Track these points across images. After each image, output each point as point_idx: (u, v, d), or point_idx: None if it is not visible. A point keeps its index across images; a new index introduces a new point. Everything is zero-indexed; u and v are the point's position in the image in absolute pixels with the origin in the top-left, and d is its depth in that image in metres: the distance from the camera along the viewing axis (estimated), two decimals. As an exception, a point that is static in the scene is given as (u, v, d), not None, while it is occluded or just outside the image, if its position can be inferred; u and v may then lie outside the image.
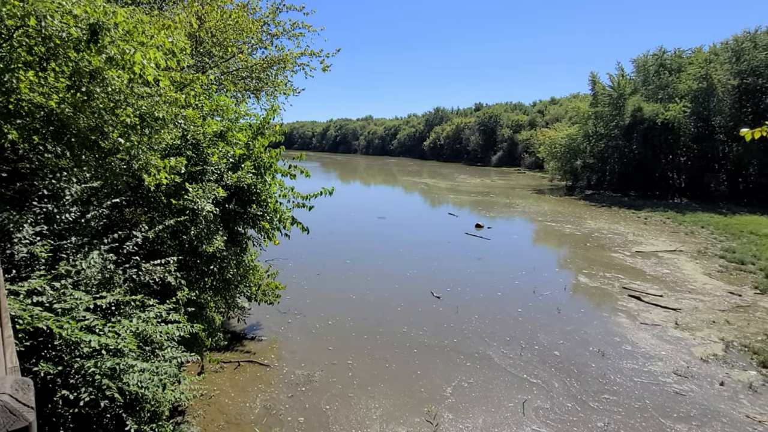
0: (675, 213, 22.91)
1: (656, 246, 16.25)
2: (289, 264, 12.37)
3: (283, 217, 7.38)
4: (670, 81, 31.03)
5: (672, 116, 28.41)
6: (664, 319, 9.52)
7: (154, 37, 4.31)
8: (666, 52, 32.70)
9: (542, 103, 72.36)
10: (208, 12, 8.70)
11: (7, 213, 3.70)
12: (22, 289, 3.54)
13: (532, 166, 54.20)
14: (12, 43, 3.37)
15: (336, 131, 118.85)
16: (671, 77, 31.18)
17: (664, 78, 31.49)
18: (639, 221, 21.51)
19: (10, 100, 3.49)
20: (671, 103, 29.24)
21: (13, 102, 3.52)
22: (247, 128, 7.63)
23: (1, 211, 3.70)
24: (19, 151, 4.10)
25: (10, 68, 3.40)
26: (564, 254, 15.46)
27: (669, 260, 14.29)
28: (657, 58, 32.67)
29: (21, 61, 3.49)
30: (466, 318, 9.36)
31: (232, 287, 6.53)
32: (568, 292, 11.28)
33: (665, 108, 29.22)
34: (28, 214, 3.88)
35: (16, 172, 4.22)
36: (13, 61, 3.44)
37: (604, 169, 34.63)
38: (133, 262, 4.47)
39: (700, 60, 29.74)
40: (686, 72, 30.39)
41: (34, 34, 3.40)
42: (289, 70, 12.29)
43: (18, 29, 3.29)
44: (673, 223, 20.75)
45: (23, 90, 3.48)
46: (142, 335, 4.06)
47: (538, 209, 25.09)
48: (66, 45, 3.56)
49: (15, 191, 4.15)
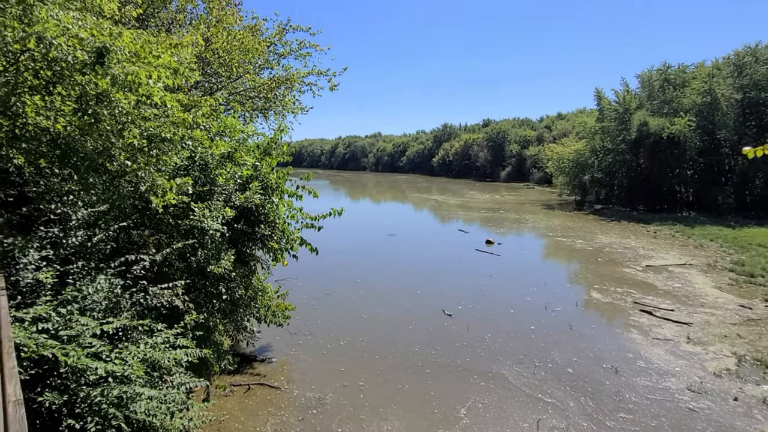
0: (684, 226, 22.39)
1: (667, 260, 15.80)
2: (299, 283, 12.19)
3: (291, 237, 7.25)
4: (674, 96, 30.76)
5: (677, 130, 28.07)
6: (677, 333, 9.23)
7: (161, 56, 4.27)
8: (670, 67, 32.52)
9: (549, 119, 72.24)
10: (214, 34, 8.77)
11: (13, 238, 3.60)
12: (27, 316, 3.41)
13: (541, 181, 53.78)
14: (18, 67, 3.32)
15: (345, 149, 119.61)
16: (676, 92, 30.92)
17: (668, 93, 31.24)
18: (649, 235, 21.04)
19: (17, 124, 3.43)
20: (676, 118, 28.92)
21: (19, 126, 3.46)
22: (255, 149, 7.57)
23: (7, 237, 3.60)
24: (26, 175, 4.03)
25: (16, 92, 3.35)
26: (575, 269, 15.08)
27: (680, 274, 13.87)
28: (661, 74, 32.48)
29: (27, 85, 3.43)
30: (478, 336, 9.06)
31: (241, 309, 6.36)
32: (580, 307, 10.92)
33: (671, 122, 28.89)
34: (34, 239, 3.78)
35: (23, 196, 4.15)
36: (19, 85, 3.38)
37: (612, 184, 34.17)
38: (140, 286, 4.33)
39: (704, 75, 29.50)
40: (690, 87, 30.12)
41: (40, 57, 3.35)
42: (297, 90, 12.34)
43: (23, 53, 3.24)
44: (682, 236, 20.25)
45: (29, 114, 3.41)
46: (149, 361, 3.90)
47: (548, 224, 24.71)
48: (72, 68, 3.50)
49: (21, 216, 4.07)
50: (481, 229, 22.95)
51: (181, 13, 9.25)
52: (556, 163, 38.50)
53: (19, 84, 3.50)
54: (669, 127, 28.56)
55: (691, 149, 28.68)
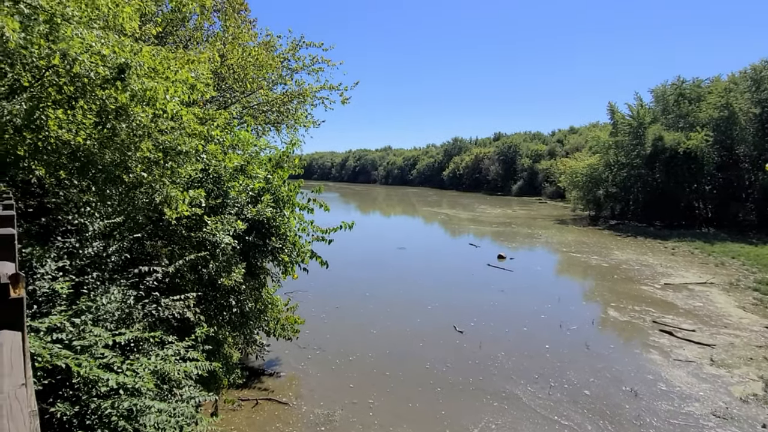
0: (703, 243, 21.95)
1: (686, 278, 15.47)
2: (308, 296, 12.19)
3: (302, 250, 7.28)
4: (690, 110, 30.53)
5: (694, 145, 27.78)
6: (699, 355, 8.96)
7: (178, 72, 4.41)
8: (684, 81, 32.37)
9: (561, 133, 72.04)
10: (230, 50, 9.01)
11: (31, 248, 3.69)
12: (43, 326, 3.46)
13: (554, 195, 53.39)
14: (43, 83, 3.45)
15: (355, 162, 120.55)
16: (691, 106, 30.70)
17: (684, 107, 31.03)
18: (666, 252, 20.66)
19: (39, 137, 3.55)
20: (692, 132, 28.65)
21: (41, 139, 3.58)
22: (267, 162, 7.69)
23: (26, 246, 3.69)
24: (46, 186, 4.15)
25: (40, 107, 3.48)
26: (590, 286, 14.84)
27: (700, 293, 13.54)
28: (676, 88, 32.34)
29: (51, 100, 3.56)
30: (491, 354, 8.92)
31: (251, 322, 6.37)
32: (597, 326, 10.71)
33: (687, 137, 28.62)
34: (52, 249, 3.86)
35: (42, 206, 4.26)
36: (43, 99, 3.51)
37: (628, 199, 33.77)
38: (152, 297, 4.38)
39: (720, 89, 29.27)
40: (706, 101, 29.89)
41: (64, 73, 3.48)
42: (309, 104, 12.56)
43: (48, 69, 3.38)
44: (701, 253, 19.84)
45: (52, 127, 3.54)
46: (159, 373, 3.92)
47: (562, 240, 24.44)
48: (94, 83, 3.63)
49: (40, 226, 4.17)
50: (493, 244, 22.78)
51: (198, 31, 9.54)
52: (569, 177, 38.26)
53: (43, 99, 3.63)
54: (685, 142, 28.28)
55: (709, 164, 28.30)
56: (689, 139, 28.30)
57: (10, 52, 3.66)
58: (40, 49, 3.58)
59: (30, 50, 3.52)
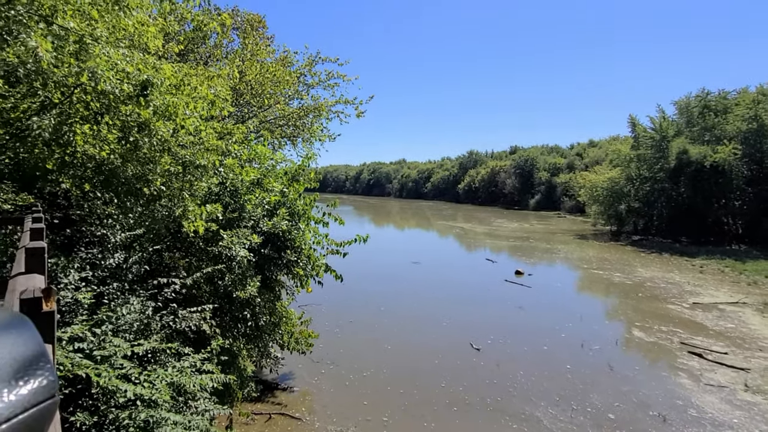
0: (734, 261, 21.28)
1: (717, 297, 14.98)
2: (322, 310, 12.23)
3: (317, 264, 7.36)
4: (716, 122, 29.96)
5: (721, 158, 27.17)
6: (732, 380, 8.62)
7: (198, 88, 4.60)
8: (709, 93, 31.85)
9: (580, 146, 71.32)
10: (248, 66, 9.33)
11: (56, 258, 3.85)
12: (65, 335, 3.59)
13: (573, 210, 52.66)
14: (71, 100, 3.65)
15: (369, 174, 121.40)
16: (717, 119, 30.13)
17: (709, 120, 30.47)
18: (694, 270, 20.09)
19: (66, 152, 3.74)
20: (719, 145, 28.06)
21: (69, 153, 3.77)
22: (283, 175, 7.86)
23: (51, 257, 3.85)
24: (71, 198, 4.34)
25: (68, 122, 3.67)
26: (613, 305, 14.50)
27: (732, 313, 13.09)
28: (700, 100, 31.84)
29: (78, 116, 3.76)
30: (509, 373, 8.77)
31: (265, 335, 6.44)
32: (621, 346, 10.44)
33: (713, 150, 28.04)
34: (75, 260, 4.02)
35: (67, 218, 4.45)
36: (71, 116, 3.71)
37: (651, 214, 33.07)
38: (170, 308, 4.49)
39: (748, 101, 28.71)
40: (733, 113, 29.32)
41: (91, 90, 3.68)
42: (325, 118, 12.82)
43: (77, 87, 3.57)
44: (732, 272, 19.23)
45: (79, 142, 3.72)
46: (175, 385, 4.00)
47: (582, 255, 24.02)
48: (118, 100, 3.82)
49: (65, 237, 4.35)
50: (510, 259, 22.52)
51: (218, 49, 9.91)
52: (589, 191, 37.75)
53: (72, 115, 3.84)
54: (712, 155, 27.70)
55: (738, 178, 27.61)
56: (716, 152, 27.72)
57: (42, 71, 3.89)
58: (69, 68, 3.80)
59: (61, 69, 3.75)
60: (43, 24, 3.78)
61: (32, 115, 3.97)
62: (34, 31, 3.62)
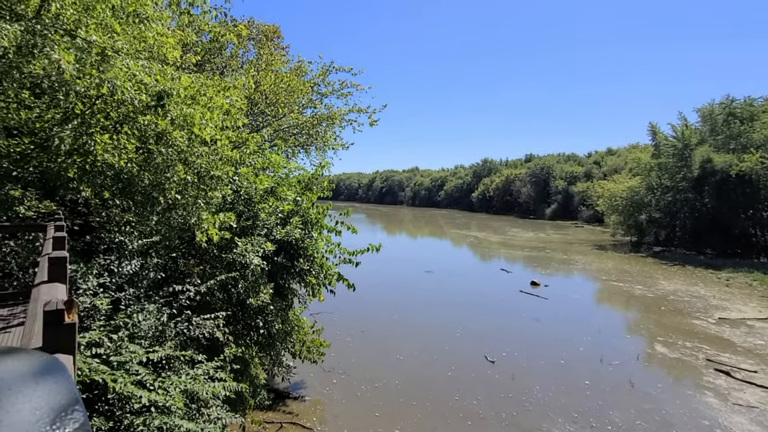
0: (762, 274, 20.66)
1: (745, 313, 14.56)
2: (334, 318, 12.26)
3: (329, 272, 7.42)
4: (742, 130, 29.30)
5: (748, 168, 26.53)
6: (763, 400, 8.35)
7: (213, 98, 4.74)
8: (734, 100, 31.21)
9: (598, 154, 70.41)
10: (263, 76, 9.55)
11: (76, 265, 3.98)
12: (84, 340, 3.69)
13: (591, 219, 51.89)
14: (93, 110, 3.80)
15: (382, 182, 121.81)
16: (743, 126, 29.48)
17: (734, 127, 29.83)
18: (720, 283, 19.58)
19: (87, 161, 3.88)
20: (746, 154, 27.42)
21: (89, 162, 3.91)
22: (296, 184, 7.98)
23: (71, 263, 3.98)
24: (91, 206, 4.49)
25: (89, 132, 3.82)
26: (634, 318, 14.21)
27: (762, 330, 12.70)
28: (725, 107, 31.21)
29: (99, 126, 3.91)
30: (525, 387, 8.65)
31: (278, 343, 6.50)
32: (642, 362, 10.21)
33: (739, 159, 27.40)
34: (94, 266, 4.15)
35: (87, 225, 4.59)
36: (91, 125, 3.86)
37: (674, 225, 32.38)
38: (184, 315, 4.58)
39: (776, 107, 28.10)
40: (760, 120, 28.67)
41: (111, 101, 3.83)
42: (338, 127, 12.99)
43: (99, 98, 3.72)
44: (761, 286, 18.67)
45: (99, 151, 3.86)
46: (189, 392, 4.07)
47: (601, 267, 23.63)
48: (137, 110, 3.96)
49: (85, 243, 4.49)
50: (525, 269, 22.27)
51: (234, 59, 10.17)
52: (607, 200, 37.20)
53: (92, 125, 3.99)
54: (738, 164, 27.08)
55: (766, 188, 26.91)
56: (742, 161, 27.09)
57: (64, 83, 4.06)
58: (91, 79, 3.97)
59: (83, 80, 3.91)
60: (68, 37, 3.96)
61: (55, 125, 4.14)
62: (58, 44, 3.79)
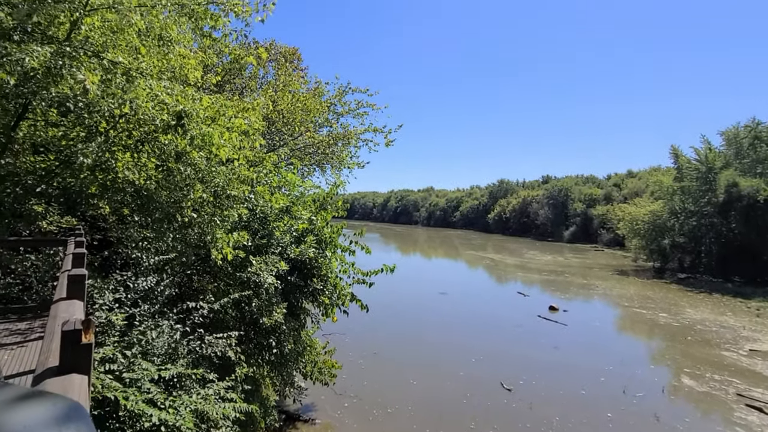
0: (796, 304, 19.86)
1: (777, 343, 13.94)
2: (346, 339, 12.15)
3: (343, 293, 7.40)
4: (769, 154, 28.72)
5: (777, 192, 25.86)
6: (801, 439, 7.89)
7: (233, 119, 4.87)
8: (760, 123, 30.70)
9: (618, 176, 69.52)
10: (281, 96, 9.79)
11: (93, 279, 4.06)
12: (98, 356, 3.73)
13: (611, 243, 50.86)
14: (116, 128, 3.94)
15: (397, 202, 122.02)
16: (771, 149, 28.89)
17: (761, 151, 29.26)
18: (750, 313, 18.86)
19: (108, 177, 4.01)
20: (774, 178, 26.79)
21: (110, 179, 4.04)
22: (311, 203, 8.05)
23: (89, 278, 4.06)
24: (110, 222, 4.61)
25: (111, 150, 3.95)
26: (659, 348, 13.74)
27: (797, 362, 12.12)
28: (750, 130, 30.71)
29: (121, 144, 4.05)
30: (544, 418, 8.37)
31: (290, 363, 6.46)
32: (668, 395, 9.81)
33: (767, 183, 26.75)
34: (111, 282, 4.22)
35: (106, 240, 4.70)
36: (114, 143, 4.00)
37: (699, 250, 31.51)
38: (197, 333, 4.60)
39: (804, 130, 27.52)
40: (789, 144, 28.09)
41: (133, 120, 3.97)
42: (353, 146, 13.16)
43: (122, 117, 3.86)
44: (795, 315, 17.92)
45: (120, 168, 3.99)
46: (199, 412, 4.05)
47: (623, 293, 23.03)
48: (158, 129, 4.10)
49: (103, 258, 4.59)
50: (543, 294, 21.84)
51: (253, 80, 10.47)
52: (628, 224, 36.53)
53: (115, 142, 4.14)
54: (766, 189, 26.43)
55: (796, 214, 26.14)
56: (770, 185, 26.46)
57: (89, 102, 4.23)
58: (115, 99, 4.13)
59: (107, 100, 4.07)
60: (95, 59, 4.14)
61: (80, 142, 4.30)
62: (84, 65, 3.97)
